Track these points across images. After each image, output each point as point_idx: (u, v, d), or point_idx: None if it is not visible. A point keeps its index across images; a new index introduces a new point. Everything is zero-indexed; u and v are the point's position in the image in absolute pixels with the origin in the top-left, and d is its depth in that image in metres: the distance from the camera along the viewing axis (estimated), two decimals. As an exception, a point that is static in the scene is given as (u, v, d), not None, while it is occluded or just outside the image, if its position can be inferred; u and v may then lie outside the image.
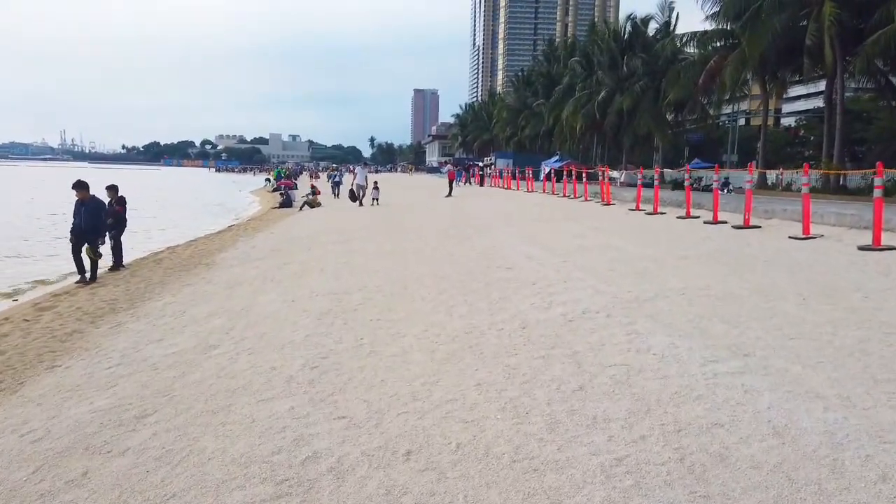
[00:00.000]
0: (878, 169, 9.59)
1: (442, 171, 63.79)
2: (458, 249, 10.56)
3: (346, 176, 41.31)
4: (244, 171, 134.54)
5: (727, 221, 12.75)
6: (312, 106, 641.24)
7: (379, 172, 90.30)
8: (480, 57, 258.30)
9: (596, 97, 45.35)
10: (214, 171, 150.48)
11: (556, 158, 47.10)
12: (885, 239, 8.90)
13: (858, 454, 2.90)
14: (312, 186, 29.97)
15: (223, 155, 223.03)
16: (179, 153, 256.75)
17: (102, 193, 11.56)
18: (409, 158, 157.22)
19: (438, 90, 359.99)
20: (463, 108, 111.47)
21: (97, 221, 10.49)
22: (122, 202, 11.81)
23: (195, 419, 3.80)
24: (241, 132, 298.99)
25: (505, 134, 71.90)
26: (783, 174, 32.60)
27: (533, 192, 30.72)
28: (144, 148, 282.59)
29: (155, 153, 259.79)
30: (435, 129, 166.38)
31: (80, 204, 10.51)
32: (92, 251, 10.34)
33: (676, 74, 36.02)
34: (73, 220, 10.61)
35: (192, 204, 35.66)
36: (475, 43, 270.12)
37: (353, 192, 25.67)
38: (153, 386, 4.55)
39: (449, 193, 29.21)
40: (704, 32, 33.07)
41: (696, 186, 20.54)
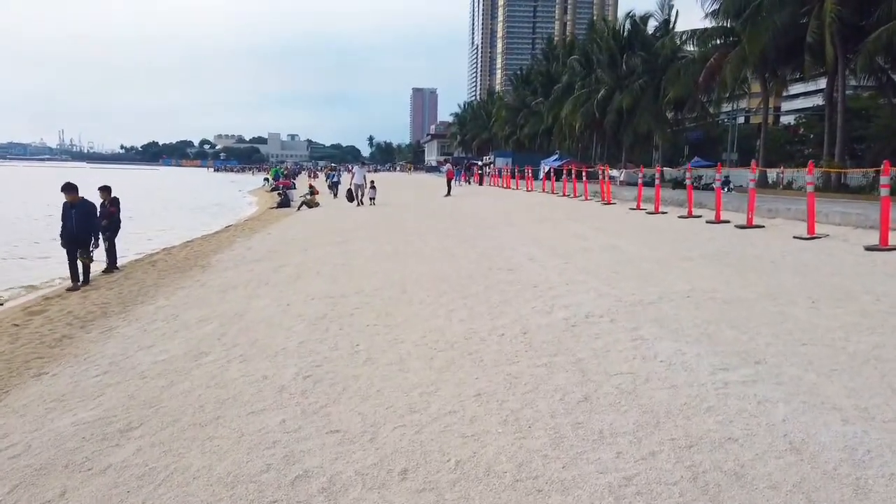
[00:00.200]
0: (884, 167, 9.41)
1: (441, 170, 63.61)
2: (457, 250, 10.39)
3: (344, 176, 41.09)
4: (243, 170, 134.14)
5: (730, 221, 12.59)
6: (311, 105, 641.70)
7: (378, 172, 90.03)
8: (479, 55, 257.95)
9: (595, 96, 45.19)
10: (213, 170, 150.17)
11: (555, 157, 46.97)
12: (892, 239, 8.71)
13: (882, 472, 2.73)
14: (311, 186, 29.75)
15: (222, 155, 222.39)
16: (178, 153, 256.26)
17: (95, 195, 11.38)
18: (407, 158, 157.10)
19: (437, 89, 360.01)
20: (462, 106, 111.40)
21: (89, 224, 10.24)
22: (115, 203, 11.60)
23: (181, 433, 3.62)
24: (239, 132, 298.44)
25: (504, 133, 71.68)
26: (784, 172, 32.48)
27: (532, 191, 30.54)
28: (143, 148, 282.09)
29: (153, 153, 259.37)
30: (434, 128, 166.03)
31: (69, 207, 10.18)
32: (85, 256, 10.16)
33: (676, 72, 35.90)
34: (62, 224, 10.25)
35: (189, 204, 35.45)
36: (474, 41, 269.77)
37: (350, 191, 25.48)
38: (140, 396, 4.38)
39: (448, 193, 29.05)
40: (704, 30, 32.89)
41: (695, 185, 20.34)
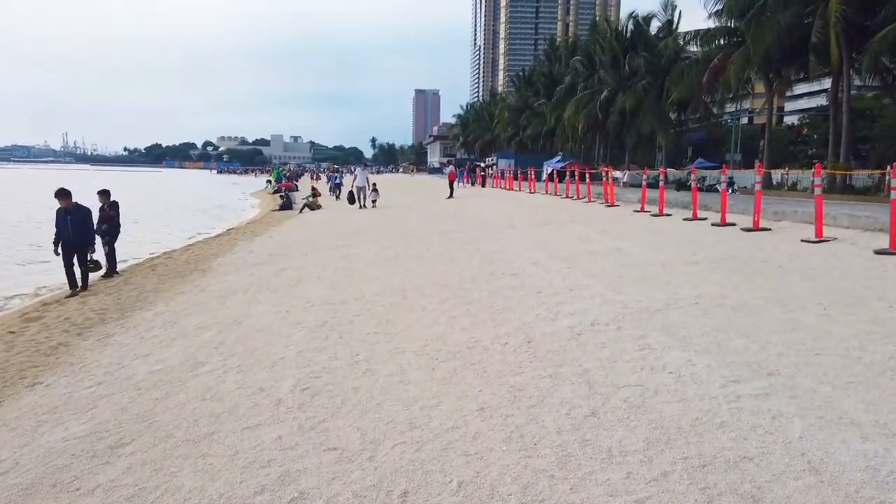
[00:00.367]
0: (895, 169, 9.25)
1: (444, 171, 63.44)
2: (460, 254, 10.25)
3: (346, 177, 40.99)
4: (246, 172, 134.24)
5: (735, 223, 12.41)
6: (314, 107, 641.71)
7: (381, 173, 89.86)
8: (481, 57, 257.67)
9: (598, 97, 44.98)
10: (216, 172, 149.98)
11: (558, 158, 46.84)
12: (902, 242, 8.56)
13: (907, 496, 2.59)
14: (313, 188, 29.63)
15: (225, 156, 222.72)
16: (181, 155, 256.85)
17: (95, 198, 11.28)
18: (410, 159, 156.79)
19: (440, 90, 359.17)
20: (464, 108, 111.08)
21: (85, 230, 10.06)
22: (114, 207, 11.48)
23: (174, 450, 3.50)
24: (242, 133, 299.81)
25: (506, 134, 71.51)
26: (788, 173, 32.30)
27: (535, 193, 30.38)
28: (146, 150, 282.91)
29: (157, 155, 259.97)
30: (436, 129, 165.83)
31: (64, 213, 9.85)
32: (88, 265, 10.03)
33: (680, 73, 35.71)
34: (56, 230, 9.87)
35: (192, 206, 35.37)
36: (476, 42, 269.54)
37: (352, 193, 25.37)
38: (133, 409, 4.26)
39: (450, 195, 28.90)
40: (707, 30, 32.70)
41: (700, 187, 20.18)
